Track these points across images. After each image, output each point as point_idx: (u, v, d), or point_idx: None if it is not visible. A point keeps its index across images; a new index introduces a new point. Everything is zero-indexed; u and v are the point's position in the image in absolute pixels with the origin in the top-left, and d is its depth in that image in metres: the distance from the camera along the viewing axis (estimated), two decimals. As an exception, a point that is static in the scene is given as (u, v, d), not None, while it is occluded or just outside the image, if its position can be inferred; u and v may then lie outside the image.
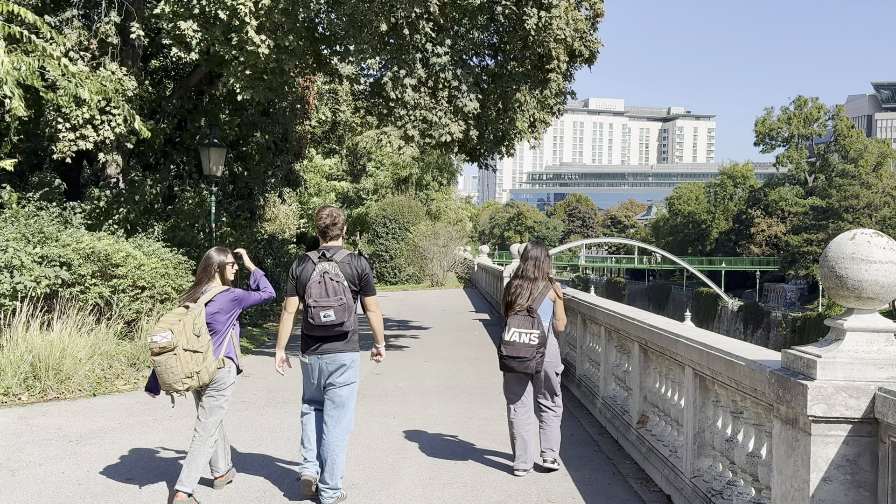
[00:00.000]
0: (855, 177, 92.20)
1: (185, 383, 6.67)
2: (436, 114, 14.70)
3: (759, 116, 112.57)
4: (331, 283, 6.70)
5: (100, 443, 9.01)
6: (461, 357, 16.67)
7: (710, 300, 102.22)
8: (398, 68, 14.35)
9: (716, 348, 6.11)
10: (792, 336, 75.69)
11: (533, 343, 7.57)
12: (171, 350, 6.57)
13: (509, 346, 7.63)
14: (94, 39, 17.26)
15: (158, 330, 6.59)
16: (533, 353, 7.57)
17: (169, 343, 6.55)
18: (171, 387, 6.66)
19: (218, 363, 6.91)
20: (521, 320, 7.67)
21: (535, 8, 14.79)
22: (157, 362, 6.61)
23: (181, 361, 6.59)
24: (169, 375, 6.60)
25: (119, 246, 14.58)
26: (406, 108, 14.55)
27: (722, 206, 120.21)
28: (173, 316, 6.72)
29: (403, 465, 8.24)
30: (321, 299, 6.66)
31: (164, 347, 6.55)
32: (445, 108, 14.78)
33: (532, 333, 7.58)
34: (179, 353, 6.59)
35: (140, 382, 12.68)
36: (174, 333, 6.56)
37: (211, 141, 17.26)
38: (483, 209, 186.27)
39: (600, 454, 8.79)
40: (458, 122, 14.86)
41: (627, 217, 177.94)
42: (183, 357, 6.60)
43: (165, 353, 6.57)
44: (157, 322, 6.82)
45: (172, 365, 6.58)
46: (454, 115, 14.85)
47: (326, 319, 6.65)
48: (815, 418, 4.22)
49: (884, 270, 4.24)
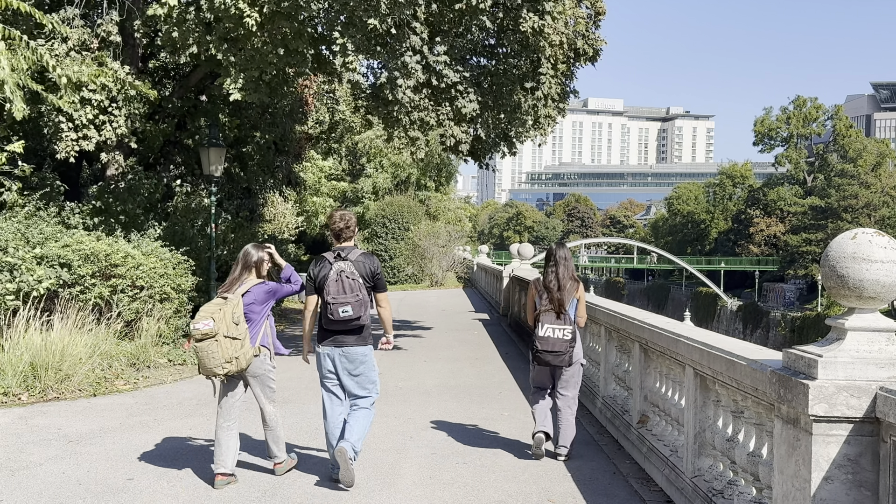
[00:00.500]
0: (854, 176, 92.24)
1: (225, 368, 7.13)
2: (437, 116, 14.70)
3: (758, 116, 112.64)
4: (347, 280, 7.27)
5: (100, 443, 9.00)
6: (461, 357, 16.68)
7: (709, 300, 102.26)
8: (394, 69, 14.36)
9: (717, 348, 6.11)
10: (791, 336, 75.72)
11: (567, 338, 8.24)
12: (213, 337, 7.06)
13: (545, 342, 8.22)
14: (96, 39, 17.26)
15: (201, 318, 7.10)
16: (567, 348, 8.24)
17: (211, 330, 7.05)
18: (211, 371, 7.13)
19: (254, 351, 7.34)
20: (554, 317, 8.27)
21: (531, 13, 14.82)
22: (199, 348, 7.09)
23: (221, 347, 7.08)
24: (210, 360, 7.08)
25: (118, 246, 14.58)
26: (405, 110, 14.56)
27: (721, 206, 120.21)
28: (213, 306, 7.22)
29: (404, 464, 8.24)
30: (339, 296, 7.23)
31: (206, 334, 7.05)
32: (447, 111, 14.78)
33: (565, 329, 8.24)
34: (220, 340, 7.07)
35: (140, 382, 12.69)
36: (216, 321, 7.08)
37: (210, 141, 17.25)
38: (482, 209, 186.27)
39: (601, 454, 8.79)
40: (460, 125, 14.89)
41: (626, 217, 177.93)
42: (223, 343, 7.08)
43: (207, 340, 7.06)
44: (198, 312, 7.27)
45: (214, 350, 7.07)
46: (455, 116, 14.86)
47: (345, 314, 7.22)
48: (817, 418, 4.23)
49: (885, 270, 4.24)
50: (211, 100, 21.56)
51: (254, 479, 7.65)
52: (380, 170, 56.13)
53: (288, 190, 32.24)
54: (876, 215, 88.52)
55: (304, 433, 9.59)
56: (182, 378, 13.45)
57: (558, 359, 8.24)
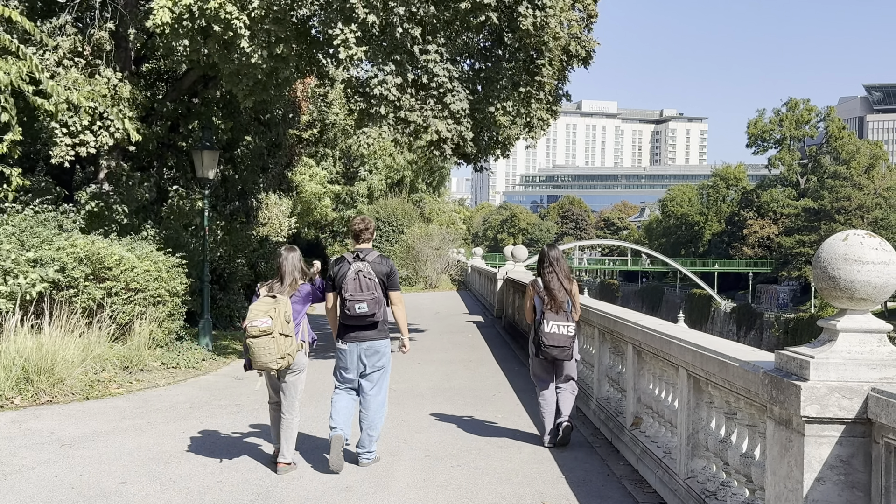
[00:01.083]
0: (847, 178, 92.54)
1: (279, 363, 7.63)
2: (422, 114, 14.68)
3: (751, 118, 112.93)
4: (364, 279, 7.89)
5: (93, 446, 8.98)
6: (455, 359, 16.67)
7: (703, 302, 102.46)
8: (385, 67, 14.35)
9: (709, 349, 6.12)
10: (785, 337, 75.91)
11: (570, 334, 8.90)
12: (270, 334, 7.53)
13: (551, 337, 8.85)
14: (88, 46, 17.23)
15: (257, 315, 7.54)
16: (570, 343, 8.90)
17: (269, 328, 7.51)
18: (266, 366, 7.61)
19: (298, 345, 7.86)
20: (558, 315, 8.90)
21: (531, 8, 14.80)
22: (255, 344, 7.53)
23: (277, 344, 7.56)
24: (266, 356, 7.54)
25: (112, 249, 14.54)
26: (390, 107, 14.55)
27: (714, 208, 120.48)
28: (267, 304, 7.65)
29: (397, 467, 8.23)
30: (356, 294, 7.84)
31: (265, 331, 7.51)
32: (433, 108, 14.76)
33: (569, 326, 8.91)
34: (276, 336, 7.55)
35: (133, 385, 12.67)
36: (273, 319, 7.54)
37: (204, 144, 17.22)
38: (476, 211, 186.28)
39: (594, 455, 8.79)
40: (446, 122, 14.84)
41: (620, 219, 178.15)
42: (279, 340, 7.57)
43: (265, 337, 7.52)
44: (251, 310, 7.69)
45: (270, 347, 7.53)
46: (442, 112, 14.83)
47: (360, 311, 7.82)
48: (809, 419, 4.24)
49: (876, 271, 4.26)
50: (204, 103, 21.52)
51: (246, 483, 7.64)
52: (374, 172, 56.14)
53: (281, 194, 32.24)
54: (869, 217, 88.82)
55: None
56: (175, 381, 13.42)
57: (564, 353, 8.88)
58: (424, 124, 14.74)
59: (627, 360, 8.89)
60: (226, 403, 11.66)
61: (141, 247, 15.54)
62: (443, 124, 14.76)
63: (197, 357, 15.16)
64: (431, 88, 14.70)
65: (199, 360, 15.14)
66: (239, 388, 13.09)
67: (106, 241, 14.93)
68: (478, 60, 17.03)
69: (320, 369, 13.08)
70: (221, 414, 10.85)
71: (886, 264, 4.28)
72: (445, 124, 14.82)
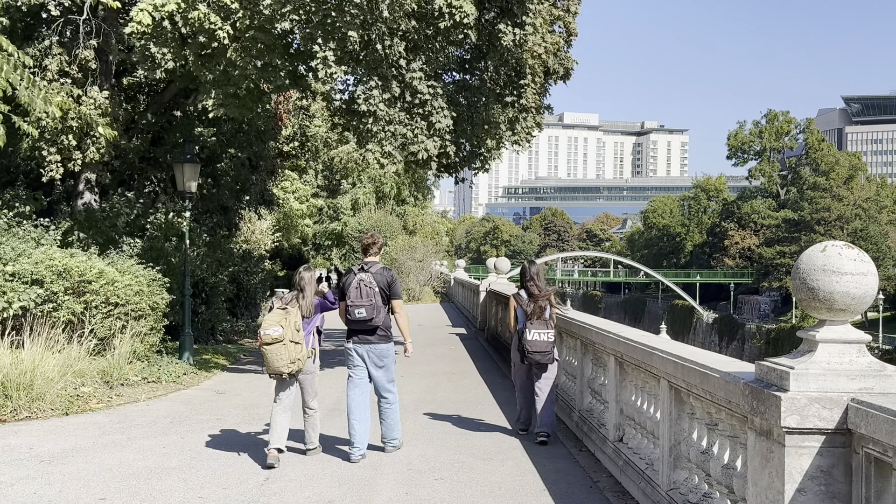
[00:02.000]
0: (826, 189, 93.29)
1: (290, 367, 8.51)
2: (411, 129, 14.70)
3: (731, 130, 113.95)
4: (364, 288, 8.89)
5: (72, 462, 8.89)
6: (438, 372, 16.64)
7: (685, 312, 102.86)
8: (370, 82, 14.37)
9: (690, 360, 6.14)
10: (766, 347, 76.28)
11: (551, 340, 9.88)
12: (281, 341, 8.42)
13: (533, 344, 9.81)
14: (74, 65, 17.19)
15: (270, 325, 8.44)
16: (551, 348, 9.87)
17: (280, 336, 8.40)
18: (278, 370, 8.51)
19: (308, 352, 8.80)
20: (540, 323, 9.88)
21: (511, 26, 14.90)
22: (269, 350, 8.44)
23: (288, 350, 8.45)
24: (278, 361, 8.45)
25: (92, 263, 14.43)
26: (380, 122, 14.56)
27: (696, 219, 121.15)
28: (279, 315, 8.53)
29: (380, 481, 8.19)
30: (356, 301, 8.86)
31: (276, 339, 8.40)
32: (420, 125, 14.79)
33: (549, 333, 9.89)
34: (287, 344, 8.45)
35: (113, 400, 12.56)
36: (283, 328, 8.42)
37: (185, 156, 17.14)
38: (459, 223, 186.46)
39: (577, 467, 8.79)
40: (433, 139, 14.88)
41: (603, 230, 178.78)
42: (289, 347, 8.46)
43: (276, 344, 8.41)
44: (265, 321, 8.64)
45: (282, 353, 8.44)
46: (428, 130, 14.86)
47: (360, 315, 8.84)
48: (789, 429, 4.25)
49: (855, 282, 4.28)
50: (185, 115, 21.46)
51: (228, 498, 7.58)
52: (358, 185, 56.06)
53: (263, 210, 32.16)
54: (849, 227, 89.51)
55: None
56: (156, 396, 13.32)
57: (545, 357, 9.83)
58: (414, 139, 14.76)
59: (609, 372, 8.90)
60: (207, 418, 11.58)
61: (122, 260, 15.44)
62: (430, 142, 14.81)
63: (178, 371, 15.05)
64: (416, 106, 14.73)
65: (181, 374, 15.03)
66: (220, 402, 13.00)
67: (85, 255, 14.82)
68: (461, 73, 17.10)
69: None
70: (202, 429, 10.78)
71: (864, 275, 4.30)
72: (432, 142, 14.86)
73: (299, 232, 44.95)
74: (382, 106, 14.32)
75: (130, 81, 21.22)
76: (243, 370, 16.94)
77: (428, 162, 15.40)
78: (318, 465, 8.80)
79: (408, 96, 14.65)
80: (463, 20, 13.90)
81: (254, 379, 15.69)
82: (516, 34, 14.83)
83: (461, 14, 13.77)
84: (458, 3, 13.68)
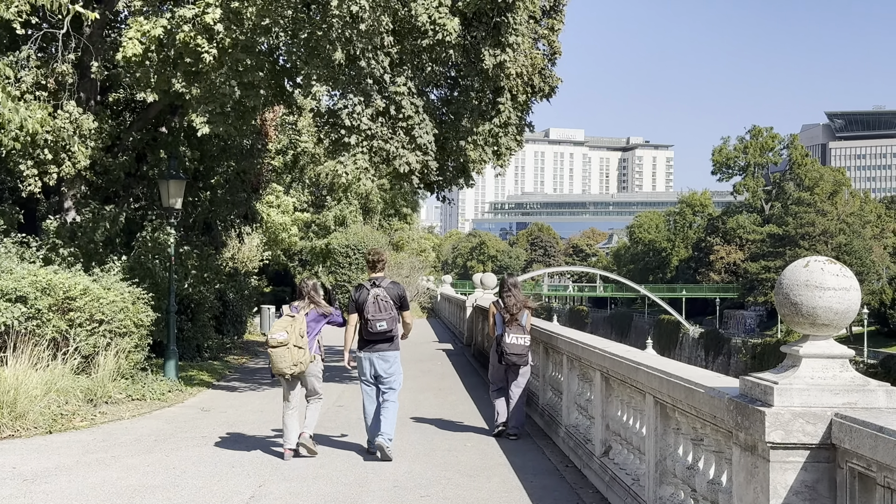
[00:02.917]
0: (810, 204, 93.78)
1: (292, 370, 9.43)
2: (393, 143, 14.73)
3: (715, 146, 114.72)
4: (382, 302, 9.75)
5: (55, 481, 8.81)
6: (425, 387, 16.61)
7: (671, 327, 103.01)
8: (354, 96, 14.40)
9: (675, 376, 6.15)
10: (752, 362, 76.40)
11: (526, 344, 11.16)
12: (286, 345, 9.32)
13: (511, 347, 11.05)
14: (51, 79, 17.12)
15: (276, 330, 9.42)
16: (526, 351, 11.15)
17: (284, 340, 9.33)
18: (282, 371, 9.45)
19: (311, 357, 9.63)
20: (517, 329, 11.14)
21: (493, 46, 14.98)
22: (274, 353, 9.39)
23: (291, 353, 9.36)
24: (282, 363, 9.38)
25: (76, 279, 14.36)
26: (361, 136, 14.59)
27: (681, 234, 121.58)
28: (285, 321, 9.52)
29: (366, 498, 8.16)
30: (376, 315, 9.70)
31: (281, 343, 9.32)
32: (402, 140, 14.83)
33: (525, 337, 11.18)
34: (290, 348, 9.34)
35: (97, 419, 12.47)
36: (288, 333, 9.35)
37: (170, 173, 17.09)
38: (446, 239, 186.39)
39: (564, 483, 8.77)
40: (415, 153, 14.92)
41: (589, 246, 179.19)
42: (293, 351, 9.36)
43: (281, 347, 9.31)
44: (273, 326, 9.62)
45: (285, 356, 9.35)
46: (410, 145, 14.90)
47: (381, 328, 9.71)
48: (774, 445, 4.26)
49: (837, 297, 4.30)
50: (171, 132, 21.41)
51: None
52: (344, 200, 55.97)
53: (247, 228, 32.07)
54: (833, 242, 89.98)
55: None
56: (141, 414, 13.24)
57: (521, 359, 11.12)
58: (396, 153, 14.79)
59: (595, 387, 8.90)
60: (191, 436, 11.51)
61: (106, 277, 15.35)
62: (412, 156, 14.83)
63: (163, 388, 14.96)
64: (399, 120, 14.76)
65: (165, 391, 14.94)
66: (205, 419, 12.93)
67: (69, 271, 14.74)
68: (445, 89, 17.15)
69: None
70: (187, 446, 10.71)
71: (847, 290, 4.33)
72: (414, 156, 14.89)
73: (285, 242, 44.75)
74: (366, 120, 14.36)
75: (115, 98, 21.16)
76: (229, 387, 16.86)
77: (409, 175, 15.42)
78: (304, 483, 8.75)
79: (392, 111, 14.70)
80: (446, 38, 13.95)
81: (239, 396, 15.62)
82: (497, 56, 14.94)
83: (444, 32, 13.82)
84: (442, 20, 13.73)
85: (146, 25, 14.00)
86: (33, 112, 15.08)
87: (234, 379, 18.20)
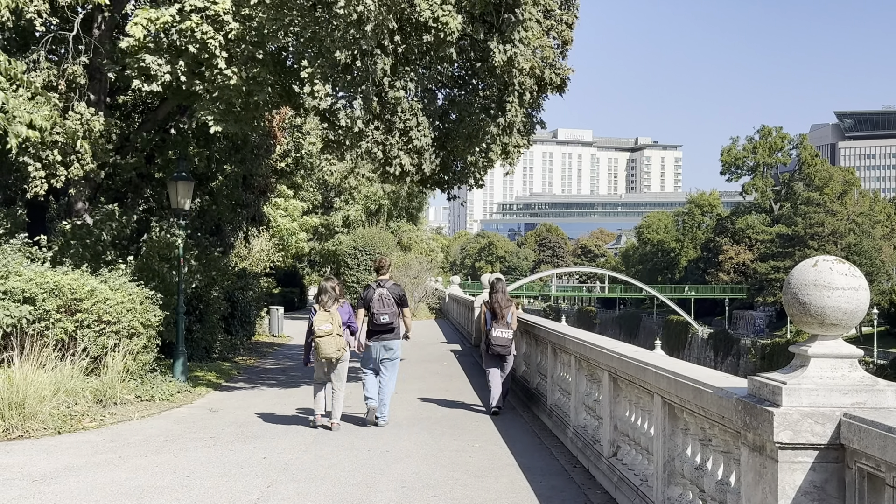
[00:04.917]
0: (820, 204, 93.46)
1: (337, 354, 11.69)
2: (387, 145, 14.72)
3: (724, 146, 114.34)
4: (386, 300, 12.12)
5: (64, 481, 8.83)
6: (433, 388, 16.59)
7: (680, 328, 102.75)
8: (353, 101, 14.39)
9: (684, 376, 6.12)
10: (761, 363, 76.16)
11: (509, 337, 13.52)
12: (331, 334, 11.57)
13: (496, 339, 13.42)
14: (62, 80, 17.16)
15: (321, 323, 11.58)
16: (508, 343, 13.51)
17: (330, 330, 11.59)
18: (329, 355, 11.65)
19: (346, 344, 11.97)
20: (502, 324, 13.48)
21: (502, 42, 14.89)
22: (321, 342, 11.58)
23: (336, 341, 11.65)
24: (329, 349, 11.61)
25: (84, 280, 14.38)
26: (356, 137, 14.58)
27: (690, 235, 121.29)
28: (326, 316, 11.65)
29: (374, 498, 8.15)
30: (381, 310, 12.08)
31: (328, 332, 11.56)
32: (398, 142, 14.81)
33: (509, 332, 13.53)
34: (335, 336, 11.63)
35: (106, 419, 12.50)
36: (332, 325, 11.59)
37: (179, 174, 17.13)
38: (454, 240, 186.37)
39: (572, 484, 8.76)
40: (410, 155, 14.91)
41: (597, 246, 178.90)
42: (336, 339, 11.65)
43: (328, 336, 11.56)
44: (316, 320, 11.69)
45: (331, 343, 11.59)
46: (406, 147, 14.88)
47: (384, 320, 12.08)
48: (782, 445, 4.24)
49: (846, 297, 4.28)
50: (179, 133, 21.45)
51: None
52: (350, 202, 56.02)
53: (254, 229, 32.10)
54: (842, 242, 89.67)
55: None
56: (150, 414, 13.26)
57: (505, 350, 13.48)
58: (388, 156, 14.80)
59: (604, 388, 8.88)
60: (200, 436, 11.53)
61: (114, 278, 15.38)
62: (407, 158, 14.82)
63: (171, 389, 14.98)
64: (396, 122, 14.74)
65: (174, 392, 14.96)
66: (214, 420, 12.95)
67: (77, 272, 14.77)
68: (452, 88, 17.06)
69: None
70: (196, 447, 10.73)
71: (856, 290, 4.31)
72: (409, 158, 14.88)
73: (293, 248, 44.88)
74: (360, 123, 14.34)
75: (125, 99, 21.22)
76: (237, 388, 16.88)
77: (403, 177, 15.43)
78: (312, 483, 8.75)
79: (388, 115, 14.69)
80: (447, 37, 13.92)
81: (248, 397, 15.63)
82: (507, 51, 14.81)
83: (446, 30, 13.78)
84: (445, 18, 13.67)
85: (154, 14, 14.00)
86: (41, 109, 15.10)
87: (242, 380, 18.23)
